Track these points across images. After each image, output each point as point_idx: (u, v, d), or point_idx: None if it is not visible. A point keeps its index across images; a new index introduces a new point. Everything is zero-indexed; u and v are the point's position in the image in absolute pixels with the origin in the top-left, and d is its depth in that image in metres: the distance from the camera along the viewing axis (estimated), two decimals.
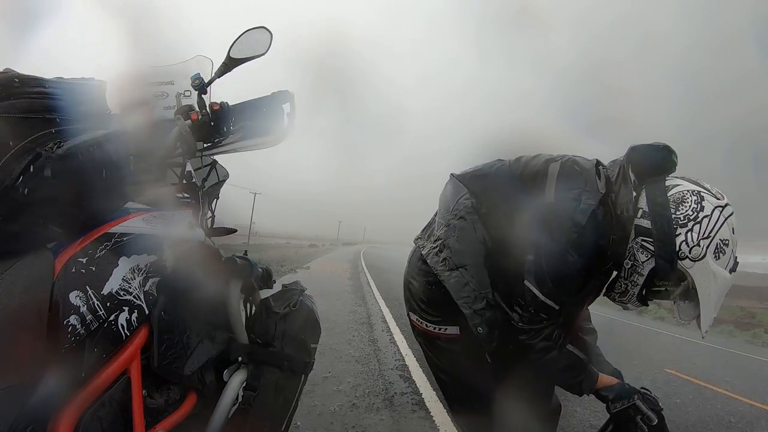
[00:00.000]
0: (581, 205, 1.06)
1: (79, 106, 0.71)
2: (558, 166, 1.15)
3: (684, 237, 1.00)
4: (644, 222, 1.05)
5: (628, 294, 1.12)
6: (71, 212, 0.65)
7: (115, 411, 0.69)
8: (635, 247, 1.06)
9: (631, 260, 1.08)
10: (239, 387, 0.99)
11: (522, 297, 1.09)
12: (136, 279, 0.74)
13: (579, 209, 1.06)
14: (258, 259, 1.17)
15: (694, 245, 0.99)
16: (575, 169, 1.13)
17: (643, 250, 1.05)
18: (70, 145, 0.64)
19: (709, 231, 0.99)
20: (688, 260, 1.00)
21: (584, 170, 1.13)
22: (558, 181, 1.12)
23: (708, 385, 3.78)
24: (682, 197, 1.02)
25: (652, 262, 1.04)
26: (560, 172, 1.13)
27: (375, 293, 7.65)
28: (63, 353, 0.60)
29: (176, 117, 1.07)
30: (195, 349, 0.86)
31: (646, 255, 1.05)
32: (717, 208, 1.00)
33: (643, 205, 1.06)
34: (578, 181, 1.10)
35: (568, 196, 1.08)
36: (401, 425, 2.25)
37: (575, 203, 1.06)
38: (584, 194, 1.07)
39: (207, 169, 1.25)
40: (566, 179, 1.11)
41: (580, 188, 1.09)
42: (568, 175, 1.12)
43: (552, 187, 1.12)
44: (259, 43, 1.08)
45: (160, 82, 1.32)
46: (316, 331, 1.16)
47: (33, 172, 0.61)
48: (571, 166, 1.14)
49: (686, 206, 1.01)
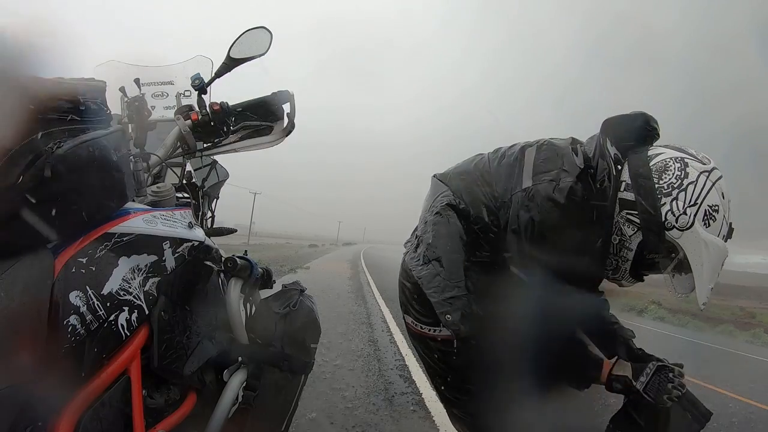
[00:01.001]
0: (559, 185, 1.03)
1: (79, 106, 0.71)
2: (534, 150, 1.13)
3: (669, 206, 0.96)
4: (628, 195, 1.02)
5: (620, 270, 1.08)
6: (71, 212, 0.65)
7: (115, 411, 0.69)
8: (621, 222, 1.03)
9: (618, 235, 1.05)
10: (239, 387, 0.99)
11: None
12: (136, 279, 0.74)
13: (558, 188, 1.03)
14: (258, 259, 1.17)
15: (681, 214, 0.95)
16: (551, 151, 1.11)
17: (629, 224, 1.02)
18: (70, 145, 0.64)
19: (696, 198, 0.95)
20: (675, 230, 0.96)
21: (560, 150, 1.10)
22: (534, 165, 1.09)
23: (708, 385, 3.78)
24: (665, 165, 0.99)
25: (639, 235, 1.01)
26: (536, 156, 1.11)
27: (375, 293, 7.65)
28: (63, 353, 0.60)
29: (176, 117, 1.07)
30: (195, 349, 0.86)
31: (632, 228, 1.02)
32: (703, 173, 0.96)
33: (626, 178, 1.03)
34: (555, 162, 1.08)
35: (546, 178, 1.06)
36: (401, 425, 2.25)
37: (553, 184, 1.04)
38: (562, 173, 1.05)
39: (207, 169, 1.25)
40: (543, 162, 1.09)
41: (558, 168, 1.06)
42: (545, 159, 1.09)
43: (529, 171, 1.09)
44: (259, 43, 1.08)
45: (160, 82, 1.33)
46: (316, 331, 1.16)
47: (33, 172, 0.61)
48: (547, 148, 1.12)
49: (669, 174, 0.97)
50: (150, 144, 1.03)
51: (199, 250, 0.91)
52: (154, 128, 1.09)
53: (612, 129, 1.08)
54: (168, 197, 0.91)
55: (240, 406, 1.00)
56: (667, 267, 1.04)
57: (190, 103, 1.11)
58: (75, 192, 0.65)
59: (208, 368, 0.91)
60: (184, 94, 1.28)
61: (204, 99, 1.08)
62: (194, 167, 1.25)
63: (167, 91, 1.33)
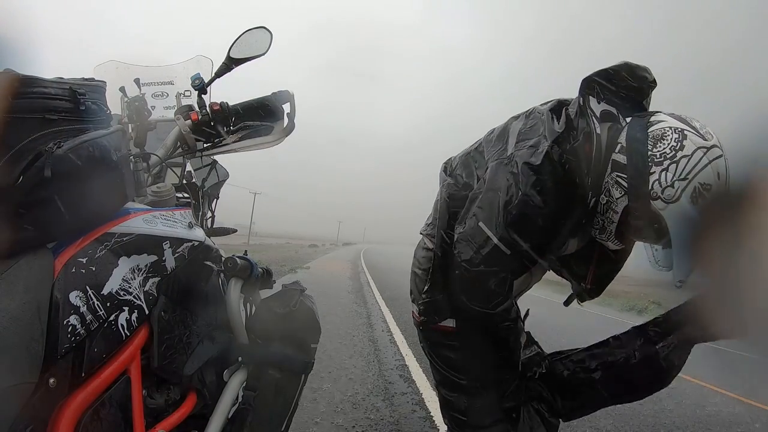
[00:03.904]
0: (538, 149, 1.03)
1: (79, 106, 0.71)
2: (522, 120, 1.14)
3: (658, 176, 0.94)
4: (620, 157, 1.01)
5: (606, 231, 1.08)
6: (71, 212, 0.65)
7: (115, 411, 0.69)
8: (610, 183, 1.03)
9: (606, 196, 1.04)
10: (239, 387, 0.99)
11: (473, 238, 1.06)
12: (136, 279, 0.74)
13: (535, 153, 1.02)
14: (258, 259, 1.17)
15: (668, 186, 0.93)
16: (534, 118, 1.11)
17: (618, 186, 1.01)
18: (70, 145, 0.64)
19: (687, 172, 0.92)
20: (660, 201, 0.94)
21: (541, 116, 1.10)
22: (519, 133, 1.11)
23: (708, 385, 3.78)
24: (662, 134, 0.96)
25: (625, 199, 1.00)
26: (522, 125, 1.12)
27: (375, 293, 7.65)
28: (63, 353, 0.60)
29: (176, 117, 1.07)
30: (195, 349, 0.87)
31: (619, 191, 1.01)
32: (700, 149, 0.92)
33: (622, 140, 1.01)
34: (536, 130, 1.08)
35: (527, 145, 1.06)
36: (401, 425, 2.25)
37: (532, 150, 1.04)
38: (542, 140, 1.04)
39: (207, 169, 1.25)
40: (527, 131, 1.10)
41: (539, 136, 1.06)
42: (530, 127, 1.10)
43: (513, 140, 1.10)
44: (259, 43, 1.08)
45: (160, 82, 1.33)
46: (316, 331, 1.16)
47: (33, 172, 0.61)
48: (533, 117, 1.12)
49: (665, 143, 0.95)
50: (150, 144, 1.03)
51: (199, 250, 0.91)
52: (154, 128, 1.09)
53: (596, 86, 1.07)
54: (168, 197, 0.91)
55: (240, 406, 1.00)
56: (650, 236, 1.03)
57: (190, 103, 1.11)
58: (75, 192, 0.65)
59: (208, 368, 0.91)
60: (184, 94, 1.29)
61: (204, 99, 1.08)
62: (194, 167, 1.25)
63: (167, 91, 1.33)
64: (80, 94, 0.71)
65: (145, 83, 1.23)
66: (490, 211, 1.05)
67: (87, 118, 0.72)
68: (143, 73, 1.22)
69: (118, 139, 0.75)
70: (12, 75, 0.65)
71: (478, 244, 1.05)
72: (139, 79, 1.17)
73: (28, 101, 0.64)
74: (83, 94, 0.72)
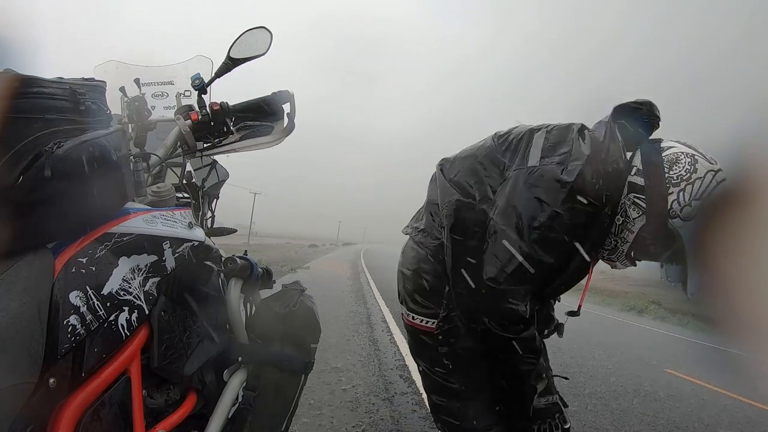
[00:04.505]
0: (568, 167, 1.05)
1: (79, 106, 0.71)
2: (543, 134, 1.15)
3: (676, 196, 1.01)
4: (638, 179, 1.06)
5: (617, 251, 1.12)
6: (71, 212, 0.65)
7: (115, 411, 0.69)
8: (627, 204, 1.07)
9: (622, 216, 1.08)
10: (239, 387, 0.99)
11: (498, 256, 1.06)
12: (136, 279, 0.74)
13: (566, 170, 1.05)
14: (258, 259, 1.17)
15: (686, 205, 1.00)
16: (560, 136, 1.13)
17: (635, 207, 1.06)
18: (70, 145, 0.64)
19: (701, 193, 1.00)
20: (678, 219, 1.01)
21: (568, 135, 1.12)
22: (543, 148, 1.12)
23: (709, 386, 3.78)
24: (676, 158, 1.03)
25: (643, 219, 1.05)
26: (546, 139, 1.13)
27: (375, 293, 7.65)
28: (63, 353, 0.60)
29: (176, 117, 1.07)
30: (195, 349, 0.86)
31: (637, 212, 1.06)
32: (710, 171, 1.00)
33: (637, 163, 1.07)
34: (563, 147, 1.10)
35: (553, 160, 1.08)
36: (401, 425, 2.25)
37: (560, 166, 1.06)
38: (569, 157, 1.07)
39: (207, 169, 1.25)
40: (551, 146, 1.11)
41: (566, 153, 1.08)
42: (554, 143, 1.12)
43: (537, 154, 1.11)
44: (259, 43, 1.08)
45: (160, 82, 1.33)
46: (316, 331, 1.16)
47: (33, 172, 0.61)
48: (556, 133, 1.14)
49: (680, 167, 1.02)
50: (150, 144, 1.03)
51: (199, 250, 0.91)
52: (154, 128, 1.09)
53: (621, 116, 1.12)
54: (168, 197, 0.91)
55: (240, 406, 1.00)
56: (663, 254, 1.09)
57: (190, 103, 1.11)
58: (75, 192, 0.65)
59: (208, 368, 0.91)
60: (184, 94, 1.29)
61: (204, 99, 1.08)
62: (194, 167, 1.25)
63: (167, 91, 1.33)
64: (80, 94, 0.71)
65: (145, 83, 1.23)
66: (513, 228, 1.06)
67: (87, 118, 0.72)
68: (143, 73, 1.22)
69: (118, 139, 0.75)
70: (12, 75, 0.65)
71: (502, 263, 1.05)
72: (139, 79, 1.17)
73: (28, 101, 0.64)
74: (83, 94, 0.72)
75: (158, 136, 1.10)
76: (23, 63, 0.67)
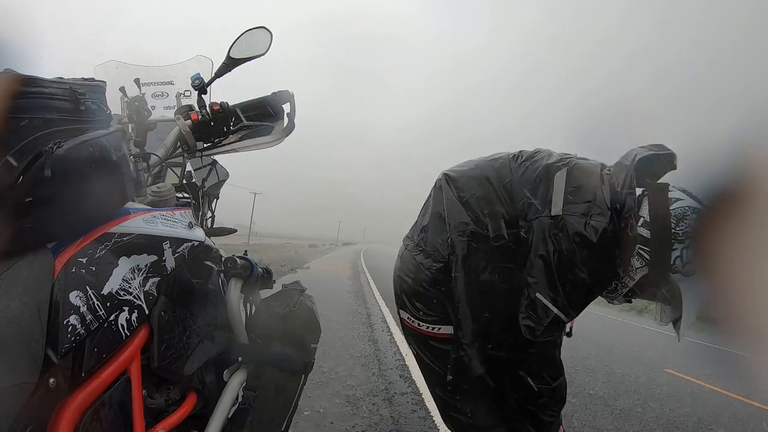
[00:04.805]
0: (591, 222, 1.06)
1: (79, 106, 0.71)
2: (564, 174, 1.14)
3: (680, 252, 1.02)
4: (643, 231, 1.06)
5: (616, 293, 1.15)
6: (71, 212, 0.65)
7: (115, 411, 0.69)
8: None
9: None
10: (239, 387, 0.99)
11: (533, 310, 1.09)
12: (136, 279, 0.74)
13: (590, 225, 1.06)
14: (258, 259, 1.17)
15: (688, 262, 1.02)
16: (582, 177, 1.13)
17: (639, 258, 1.07)
18: (70, 145, 0.64)
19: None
20: (679, 274, 1.03)
21: (590, 180, 1.12)
22: (565, 193, 1.11)
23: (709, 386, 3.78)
24: (683, 213, 1.03)
25: (645, 270, 1.07)
26: (567, 181, 1.12)
27: (375, 293, 7.65)
28: (63, 353, 0.60)
29: (176, 117, 1.07)
30: (195, 349, 0.86)
31: (640, 262, 1.07)
32: None
33: (644, 214, 1.07)
34: (586, 194, 1.10)
35: (577, 210, 1.08)
36: (401, 425, 2.25)
37: (584, 218, 1.07)
38: (593, 209, 1.07)
39: (207, 169, 1.25)
40: (575, 190, 1.11)
41: (589, 201, 1.08)
42: (576, 187, 1.11)
43: (560, 197, 1.11)
44: (259, 43, 1.08)
45: (160, 82, 1.33)
46: (316, 331, 1.16)
47: (33, 172, 0.60)
48: (577, 175, 1.13)
49: (686, 223, 1.02)
50: (150, 144, 1.03)
51: (199, 250, 0.91)
52: (154, 128, 1.09)
53: (644, 167, 1.12)
54: (168, 197, 0.91)
55: (240, 406, 1.00)
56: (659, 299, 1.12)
57: (190, 103, 1.11)
58: (75, 192, 0.65)
59: (208, 368, 0.91)
60: (184, 94, 1.29)
61: (204, 99, 1.08)
62: (194, 167, 1.25)
63: (167, 91, 1.33)
64: (80, 94, 0.71)
65: (145, 83, 1.23)
66: (544, 280, 1.08)
67: (87, 118, 0.72)
68: (143, 73, 1.22)
69: (118, 139, 0.75)
70: (12, 75, 0.64)
71: (539, 316, 1.08)
72: (139, 79, 1.17)
73: (28, 101, 0.64)
74: (83, 94, 0.72)
75: (158, 136, 1.10)
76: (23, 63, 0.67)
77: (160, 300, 0.79)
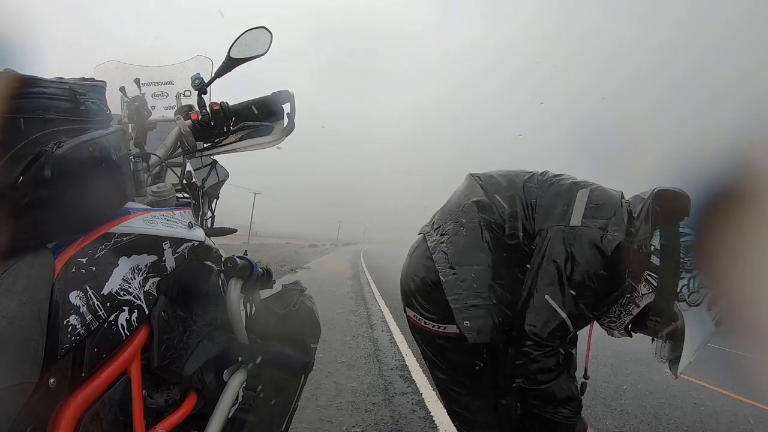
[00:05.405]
0: (608, 235, 1.10)
1: (79, 106, 0.71)
2: (587, 192, 1.18)
3: (687, 282, 1.07)
4: (654, 258, 1.11)
5: (618, 321, 1.17)
6: (71, 212, 0.65)
7: (115, 411, 0.69)
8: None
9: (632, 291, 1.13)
10: (239, 387, 0.99)
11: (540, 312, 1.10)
12: (136, 279, 0.74)
13: (606, 239, 1.09)
14: (258, 259, 1.17)
15: (694, 291, 1.06)
16: (604, 198, 1.17)
17: (646, 284, 1.11)
18: (70, 145, 0.64)
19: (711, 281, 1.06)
20: (685, 303, 1.07)
21: (612, 201, 1.17)
22: (586, 207, 1.15)
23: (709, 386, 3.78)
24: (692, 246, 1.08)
25: (651, 296, 1.10)
26: (589, 198, 1.17)
27: (375, 293, 7.65)
28: (63, 353, 0.60)
29: (176, 117, 1.07)
30: (195, 349, 0.87)
31: (647, 289, 1.11)
32: None
33: (655, 243, 1.12)
34: (606, 212, 1.14)
35: (595, 224, 1.12)
36: (401, 425, 2.24)
37: (601, 232, 1.10)
38: (611, 225, 1.11)
39: (207, 169, 1.25)
40: (595, 207, 1.15)
41: (608, 218, 1.12)
42: (598, 205, 1.16)
43: (579, 212, 1.15)
44: (259, 43, 1.08)
45: (160, 82, 1.33)
46: (316, 331, 1.16)
47: (33, 172, 0.61)
48: (599, 195, 1.18)
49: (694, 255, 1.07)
50: (150, 144, 1.03)
51: (199, 250, 0.91)
52: (154, 128, 1.09)
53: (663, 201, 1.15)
54: (168, 197, 0.91)
55: (240, 406, 1.00)
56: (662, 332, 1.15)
57: (190, 103, 1.11)
58: (75, 192, 0.65)
59: (208, 368, 0.91)
60: (184, 94, 1.28)
61: (204, 99, 1.08)
62: (194, 167, 1.25)
63: (167, 91, 1.33)
64: (80, 94, 0.71)
65: (145, 83, 1.23)
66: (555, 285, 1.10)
67: (87, 118, 0.72)
68: (143, 73, 1.22)
69: (118, 139, 0.75)
70: (12, 75, 0.65)
71: (545, 317, 1.10)
72: (139, 79, 1.17)
73: (28, 101, 0.64)
74: (83, 94, 0.72)
75: (158, 136, 1.10)
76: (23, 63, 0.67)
77: (160, 300, 0.79)
